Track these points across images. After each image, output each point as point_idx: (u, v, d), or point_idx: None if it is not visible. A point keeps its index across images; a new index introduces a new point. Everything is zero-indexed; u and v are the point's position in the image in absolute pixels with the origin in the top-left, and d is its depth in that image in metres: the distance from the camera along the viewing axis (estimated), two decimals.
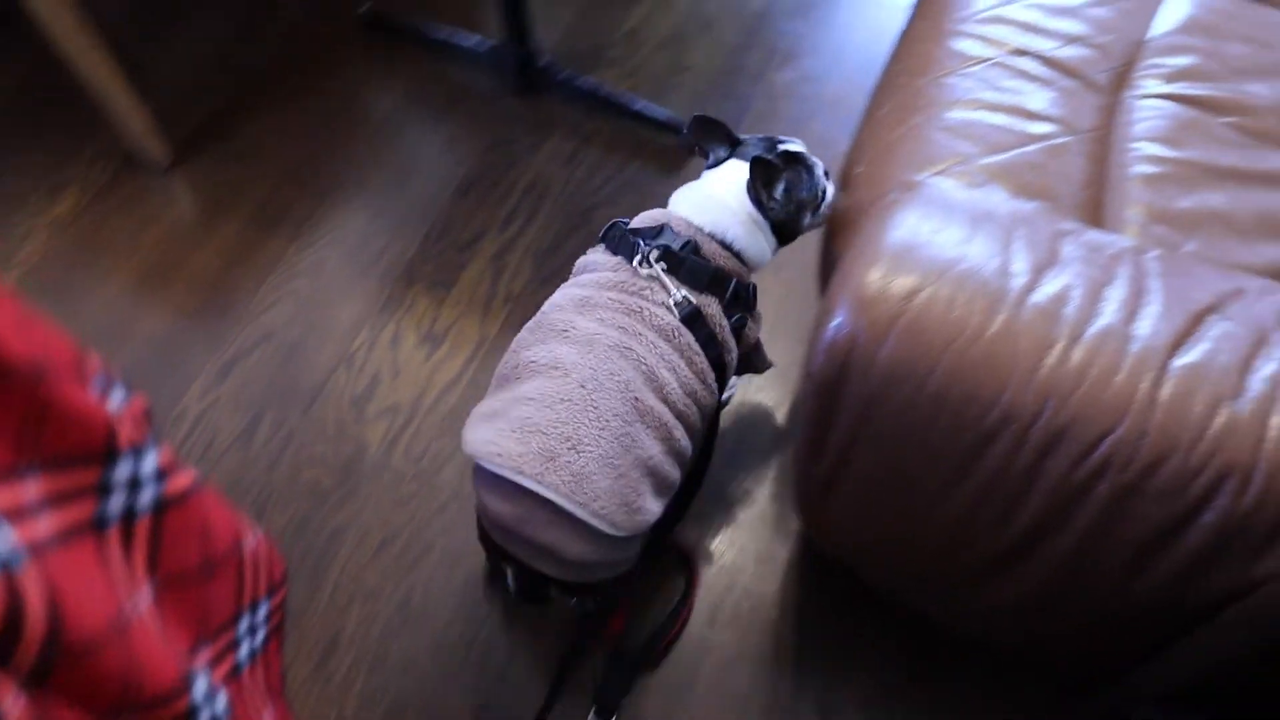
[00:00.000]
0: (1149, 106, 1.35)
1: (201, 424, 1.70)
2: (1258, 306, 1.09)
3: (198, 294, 1.85)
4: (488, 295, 1.81)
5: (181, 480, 0.84)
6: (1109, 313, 1.04)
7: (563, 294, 1.28)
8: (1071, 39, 1.38)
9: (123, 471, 0.75)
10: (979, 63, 1.35)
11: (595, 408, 1.15)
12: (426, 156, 1.99)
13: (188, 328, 1.81)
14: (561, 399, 1.15)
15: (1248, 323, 1.06)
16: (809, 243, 1.43)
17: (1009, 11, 1.41)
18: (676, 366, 1.22)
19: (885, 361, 1.04)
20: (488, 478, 1.17)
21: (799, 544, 1.58)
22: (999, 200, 1.19)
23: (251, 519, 1.59)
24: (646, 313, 1.21)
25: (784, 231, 1.34)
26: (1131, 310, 1.05)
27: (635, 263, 1.24)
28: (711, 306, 1.25)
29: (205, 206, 1.96)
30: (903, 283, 1.04)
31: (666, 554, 1.55)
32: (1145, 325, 1.04)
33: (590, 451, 1.14)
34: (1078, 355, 1.02)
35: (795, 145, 1.34)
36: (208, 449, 1.67)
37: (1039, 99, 1.32)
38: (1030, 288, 1.04)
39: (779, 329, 1.64)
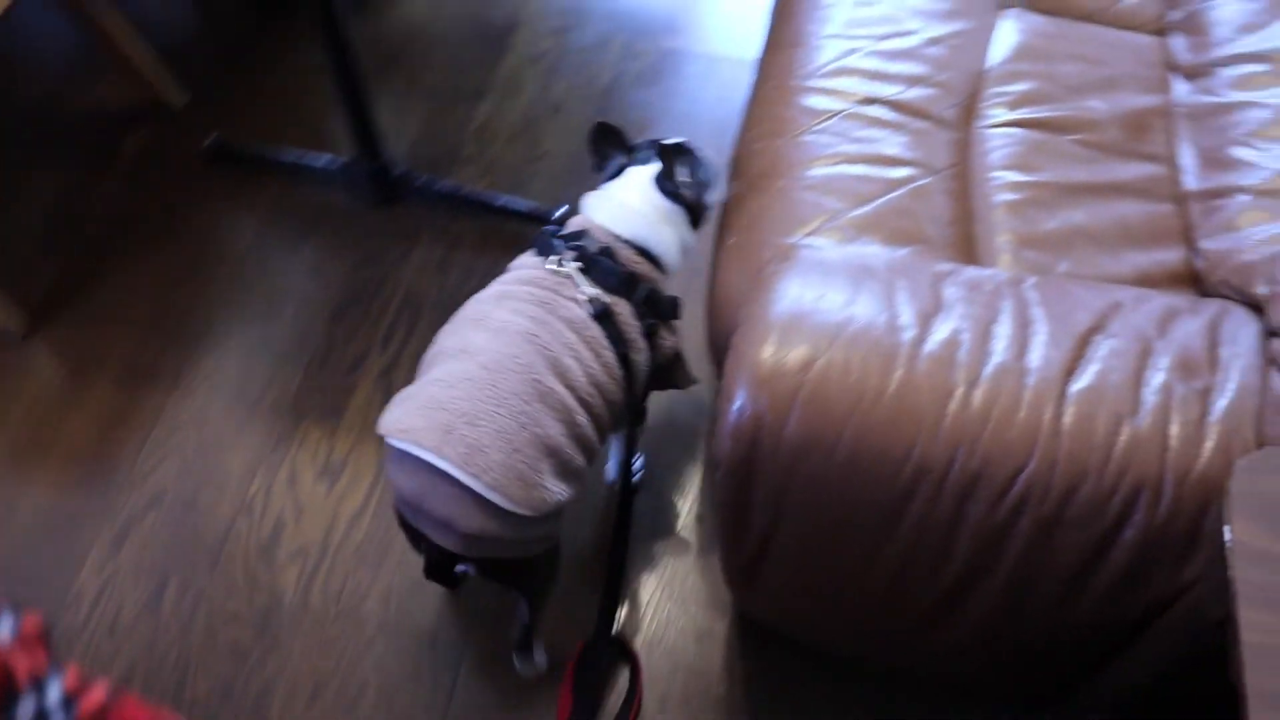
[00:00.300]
0: (999, 135, 1.39)
1: (103, 600, 1.62)
2: (1134, 317, 1.12)
3: (77, 465, 1.77)
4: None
5: (94, 697, 0.79)
6: (1000, 350, 1.06)
7: (487, 290, 1.35)
8: (914, 80, 1.42)
9: (25, 711, 0.70)
10: (831, 116, 1.38)
11: (494, 386, 1.21)
12: (295, 284, 1.95)
13: (72, 502, 1.72)
14: (464, 378, 1.22)
15: (1130, 336, 1.08)
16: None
17: (851, 62, 1.44)
18: (582, 356, 1.27)
19: (792, 436, 1.04)
20: (394, 454, 1.23)
21: (735, 614, 1.57)
22: (874, 253, 1.21)
23: (172, 694, 1.53)
24: (557, 304, 1.29)
25: (695, 214, 1.41)
26: (1021, 343, 1.06)
27: (553, 262, 1.32)
28: (620, 306, 1.32)
29: (71, 372, 1.88)
30: (797, 354, 1.04)
31: (609, 648, 1.52)
32: (1037, 356, 1.06)
33: (485, 426, 1.18)
34: (978, 398, 1.03)
35: (677, 139, 1.40)
36: (114, 625, 1.59)
37: (894, 144, 1.35)
38: (921, 338, 1.05)
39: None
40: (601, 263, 1.32)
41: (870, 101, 1.39)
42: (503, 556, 1.26)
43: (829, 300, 1.08)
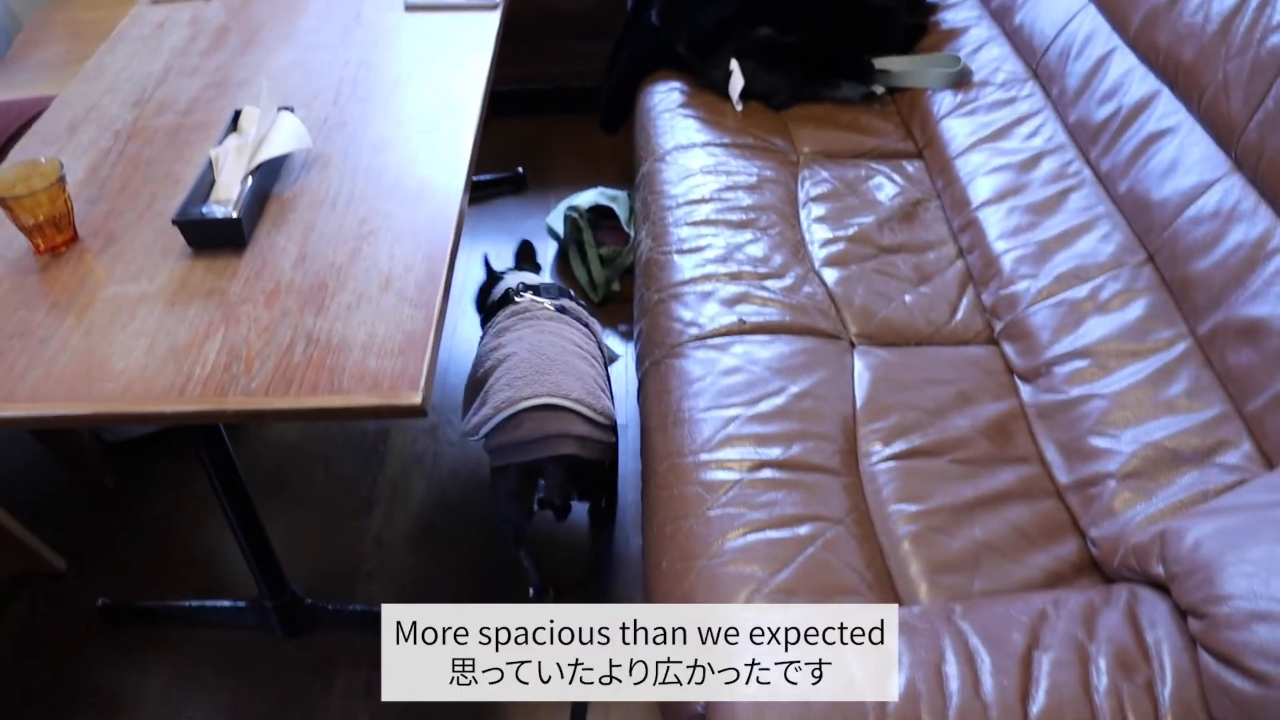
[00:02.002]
0: (883, 471, 1.50)
1: None
2: (1061, 624, 1.19)
3: None
4: None
5: None
6: (955, 690, 1.11)
7: (486, 338, 1.91)
8: (794, 437, 1.52)
9: None
10: (729, 488, 1.46)
11: (543, 355, 1.75)
12: None
13: None
14: (519, 363, 1.74)
15: (1065, 645, 1.16)
16: None
17: (733, 430, 1.54)
18: (571, 329, 1.87)
19: None
20: (505, 425, 1.67)
21: None
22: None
23: None
24: (536, 312, 1.89)
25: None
26: (973, 679, 1.12)
27: (518, 299, 1.93)
28: (567, 303, 1.95)
29: None
30: None
31: None
32: (990, 687, 1.11)
33: (553, 374, 1.71)
34: None
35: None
36: None
37: (793, 503, 1.43)
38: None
39: None
40: (542, 285, 1.99)
41: (760, 466, 1.48)
42: (594, 457, 1.71)
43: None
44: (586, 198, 2.69)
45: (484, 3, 2.09)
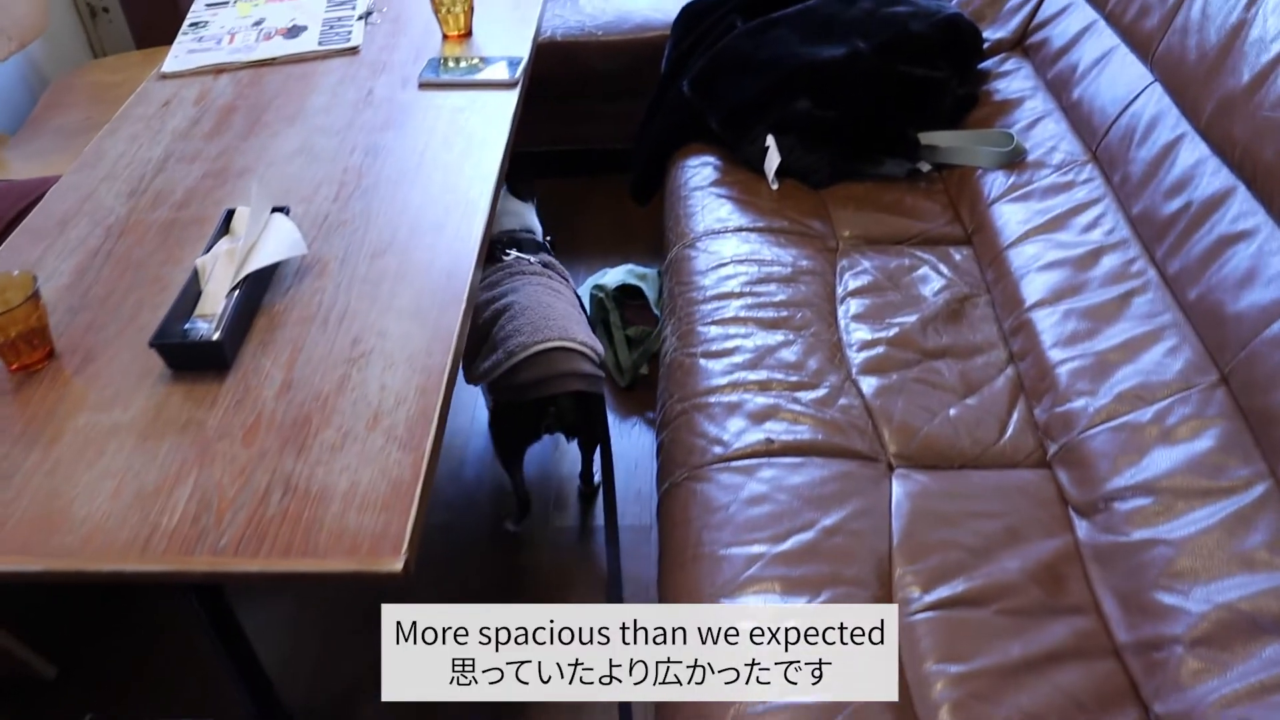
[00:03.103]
0: (921, 623, 1.35)
1: None
2: None
3: None
4: None
5: None
6: None
7: (484, 294, 2.02)
8: (824, 582, 1.38)
9: None
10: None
11: (541, 303, 1.93)
12: None
13: None
14: (522, 309, 1.91)
15: None
16: None
17: (754, 573, 1.39)
18: (554, 280, 2.07)
19: None
20: (518, 367, 1.83)
21: None
22: None
23: None
24: (524, 268, 2.05)
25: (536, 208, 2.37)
26: None
27: (505, 259, 2.08)
28: (545, 257, 2.14)
29: None
30: None
31: None
32: None
33: (555, 320, 1.89)
34: None
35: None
36: None
37: None
38: None
39: None
40: (524, 242, 2.15)
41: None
42: (596, 391, 1.94)
43: None
44: (614, 276, 2.57)
45: (502, 80, 1.98)
